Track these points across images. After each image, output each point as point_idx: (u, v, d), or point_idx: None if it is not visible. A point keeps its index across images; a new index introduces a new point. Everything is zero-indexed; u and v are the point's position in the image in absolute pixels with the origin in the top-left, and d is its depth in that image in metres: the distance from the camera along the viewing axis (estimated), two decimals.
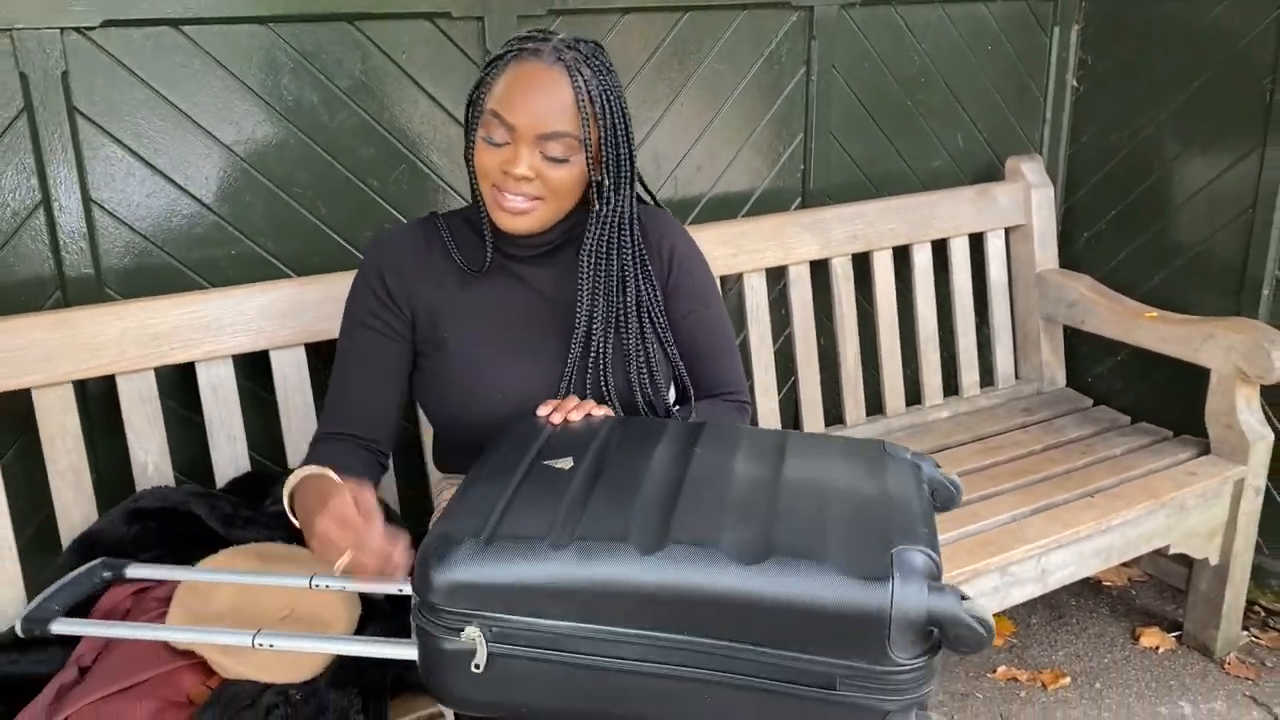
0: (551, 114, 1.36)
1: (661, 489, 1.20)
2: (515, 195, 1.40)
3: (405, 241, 1.53)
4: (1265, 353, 2.15)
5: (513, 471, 1.25)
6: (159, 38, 1.74)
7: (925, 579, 1.05)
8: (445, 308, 1.51)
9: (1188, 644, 2.42)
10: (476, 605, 1.10)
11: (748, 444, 1.34)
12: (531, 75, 1.36)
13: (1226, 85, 2.41)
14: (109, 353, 1.66)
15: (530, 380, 1.49)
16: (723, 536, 1.10)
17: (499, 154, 1.38)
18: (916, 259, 2.47)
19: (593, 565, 1.08)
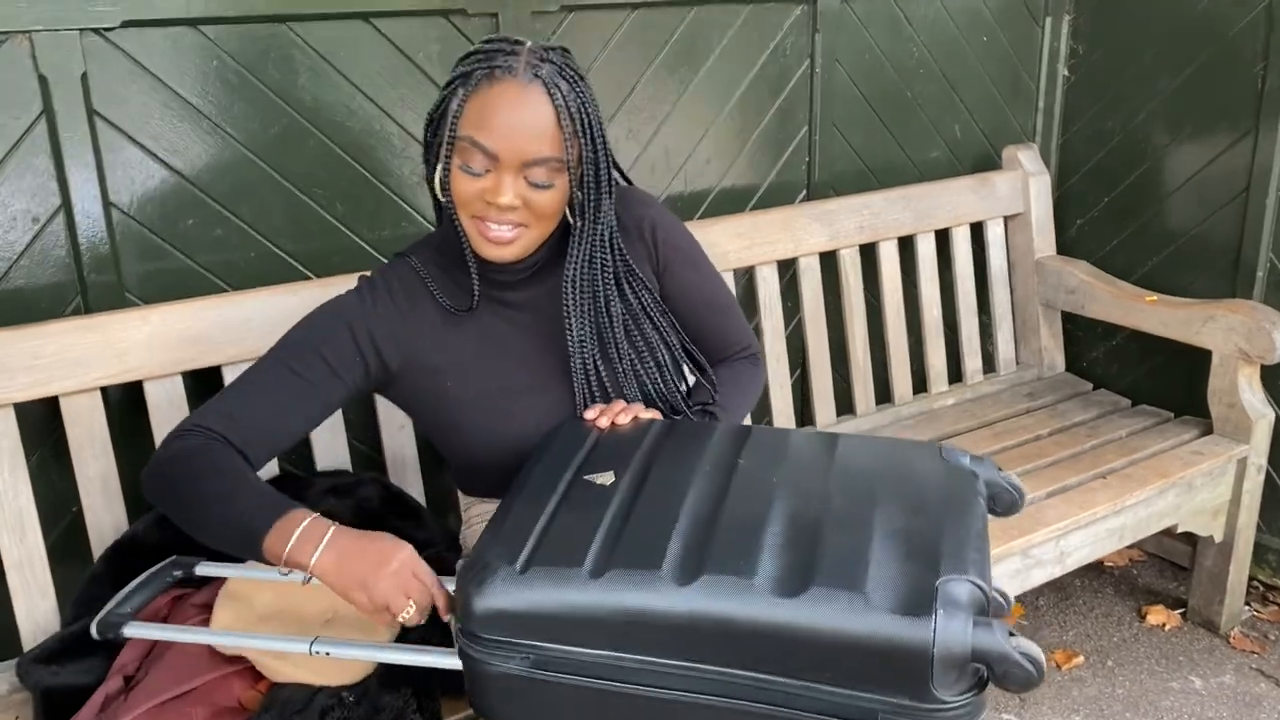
0: (535, 139, 1.27)
1: (701, 511, 1.17)
2: (500, 225, 1.31)
3: (393, 293, 1.42)
4: (1266, 333, 2.20)
5: (553, 488, 1.23)
6: (178, 38, 1.72)
7: (970, 613, 1.01)
8: (437, 355, 1.43)
9: (1193, 620, 2.47)
10: (514, 632, 1.10)
11: (794, 455, 1.30)
12: (509, 97, 1.26)
13: (1217, 73, 2.46)
14: (137, 357, 1.64)
15: (550, 408, 1.44)
16: (760, 566, 1.07)
17: (479, 183, 1.29)
18: (920, 248, 2.50)
19: (627, 595, 1.06)
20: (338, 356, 1.38)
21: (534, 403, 1.44)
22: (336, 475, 1.79)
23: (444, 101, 1.32)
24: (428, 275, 1.43)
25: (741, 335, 1.63)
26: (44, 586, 1.61)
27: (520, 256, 1.37)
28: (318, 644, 1.27)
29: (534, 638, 1.09)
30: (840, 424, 2.42)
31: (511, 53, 1.29)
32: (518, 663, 1.11)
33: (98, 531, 1.65)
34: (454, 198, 1.32)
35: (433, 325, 1.43)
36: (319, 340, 1.38)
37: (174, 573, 1.49)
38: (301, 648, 1.27)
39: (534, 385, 1.45)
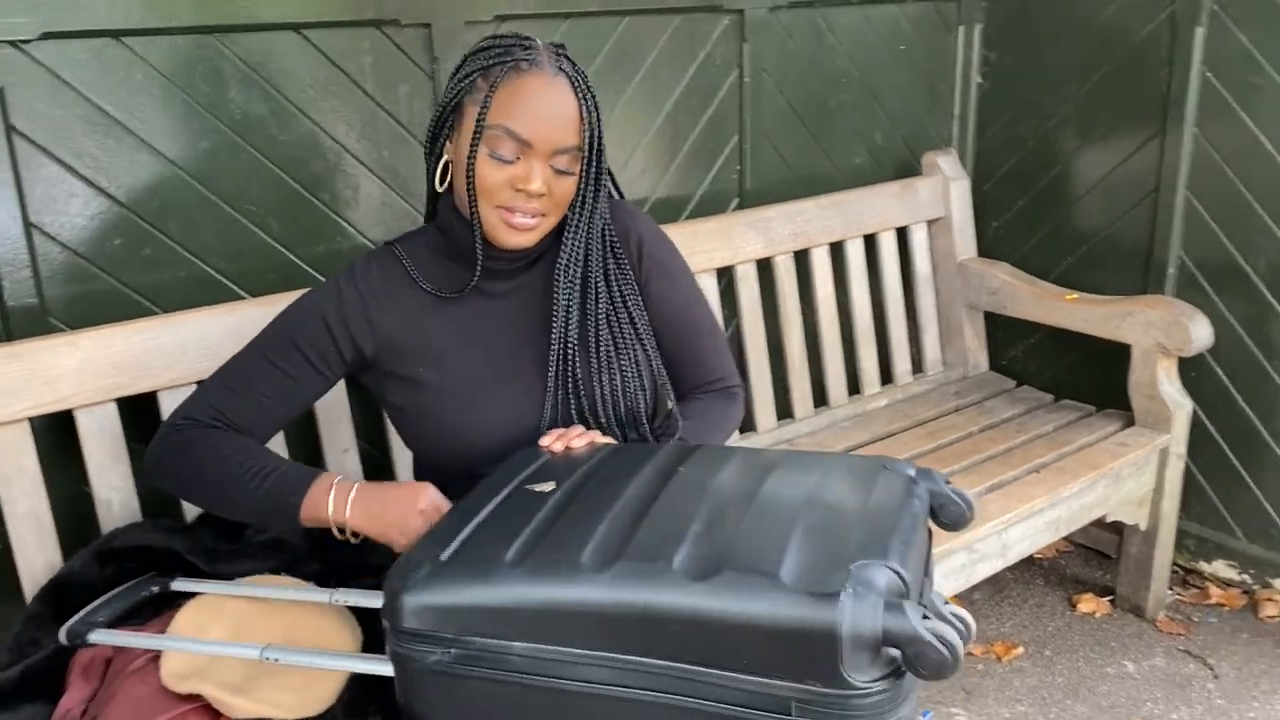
0: (563, 128, 1.32)
1: (631, 508, 1.17)
2: (525, 213, 1.34)
3: (370, 280, 1.43)
4: (1184, 327, 2.29)
5: (493, 496, 1.24)
6: (100, 50, 1.64)
7: (883, 595, 0.99)
8: (414, 343, 1.43)
9: (1121, 606, 2.56)
10: (438, 626, 1.09)
11: (736, 464, 1.29)
12: (540, 87, 1.31)
13: (1125, 78, 2.56)
14: (67, 385, 1.56)
15: (519, 402, 1.44)
16: (677, 553, 1.06)
17: (509, 170, 1.32)
18: (850, 254, 2.54)
19: (544, 584, 1.06)
20: (315, 349, 1.41)
21: (506, 392, 1.44)
22: None
23: (457, 95, 1.35)
24: (411, 263, 1.44)
25: (720, 365, 1.61)
26: None
27: (533, 244, 1.40)
28: (268, 650, 1.28)
29: (457, 631, 1.08)
30: (780, 428, 2.44)
31: (529, 48, 1.34)
32: (440, 656, 1.10)
33: (29, 571, 1.56)
34: (478, 186, 1.33)
35: (411, 310, 1.43)
36: (296, 334, 1.41)
37: (150, 587, 1.47)
38: (253, 654, 1.28)
39: (508, 374, 1.46)
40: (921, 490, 1.24)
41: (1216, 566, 2.62)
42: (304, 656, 1.28)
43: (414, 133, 1.98)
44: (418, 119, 1.97)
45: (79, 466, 1.61)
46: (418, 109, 1.97)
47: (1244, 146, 2.37)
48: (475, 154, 1.32)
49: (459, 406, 1.44)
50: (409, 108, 1.96)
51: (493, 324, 1.46)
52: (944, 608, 1.17)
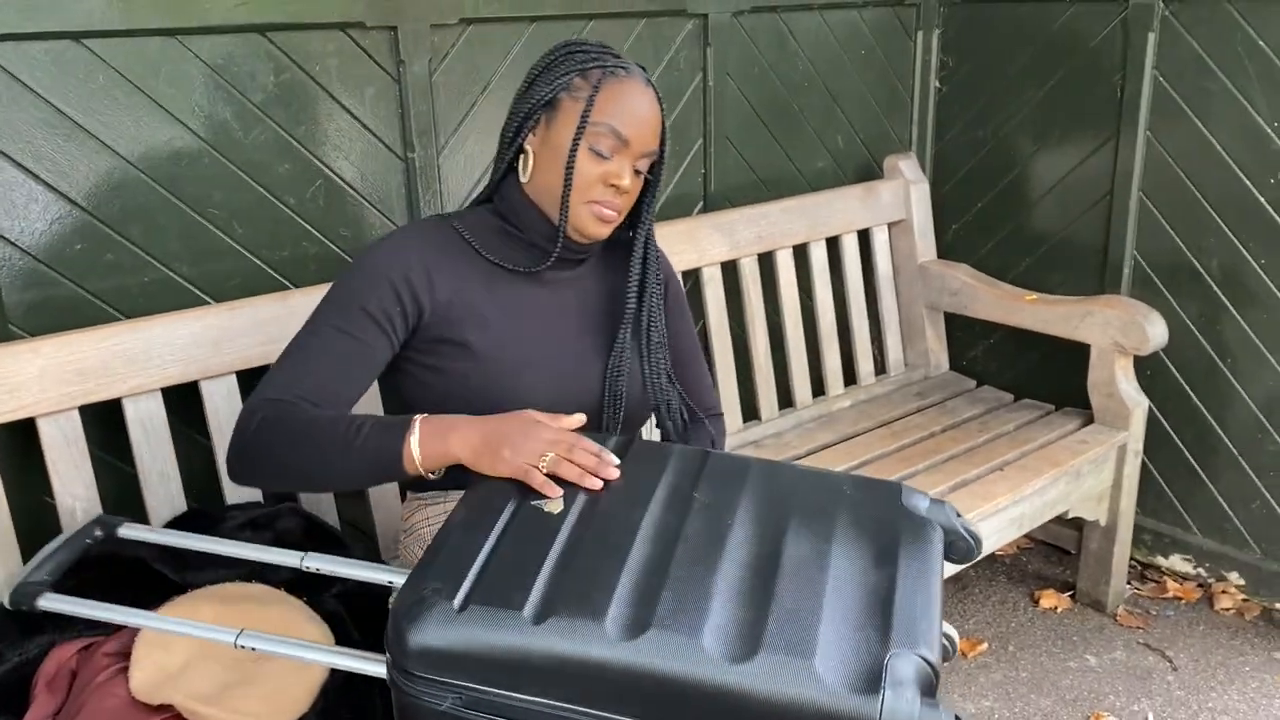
0: (653, 133, 1.43)
1: (651, 553, 1.14)
2: (613, 207, 1.42)
3: (429, 240, 1.46)
4: (1140, 326, 2.34)
5: (498, 514, 1.20)
6: (59, 52, 1.62)
7: (917, 691, 1.00)
8: (466, 310, 1.45)
9: (1081, 601, 2.60)
10: (448, 672, 1.06)
11: (751, 490, 1.27)
12: (638, 93, 1.41)
13: (1079, 83, 2.61)
14: (29, 393, 1.53)
15: (558, 385, 1.47)
16: (708, 623, 1.04)
17: (603, 166, 1.40)
18: (814, 256, 2.56)
19: (569, 644, 1.03)
20: (383, 311, 1.40)
21: (547, 372, 1.47)
22: (250, 508, 1.70)
23: (553, 91, 1.41)
24: (471, 235, 1.48)
25: (710, 394, 1.73)
26: None
27: (606, 235, 1.47)
28: (243, 637, 1.25)
29: (468, 679, 1.05)
30: (745, 429, 2.46)
31: (618, 56, 1.44)
32: (450, 703, 1.07)
33: None
34: (575, 178, 1.40)
35: (467, 279, 1.46)
36: (365, 298, 1.40)
37: (95, 532, 1.45)
38: (227, 639, 1.25)
39: (552, 356, 1.48)
40: (937, 531, 1.24)
41: (1173, 561, 2.68)
42: (281, 646, 1.25)
43: (380, 136, 1.97)
44: (383, 122, 1.96)
45: (41, 475, 1.58)
46: (384, 112, 1.96)
47: (1196, 149, 2.43)
48: (577, 148, 1.39)
49: (501, 376, 1.45)
50: (375, 111, 1.95)
51: (543, 308, 1.50)
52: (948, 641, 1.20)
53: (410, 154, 2.00)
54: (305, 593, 1.52)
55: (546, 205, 1.44)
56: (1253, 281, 2.40)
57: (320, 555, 1.34)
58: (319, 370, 1.38)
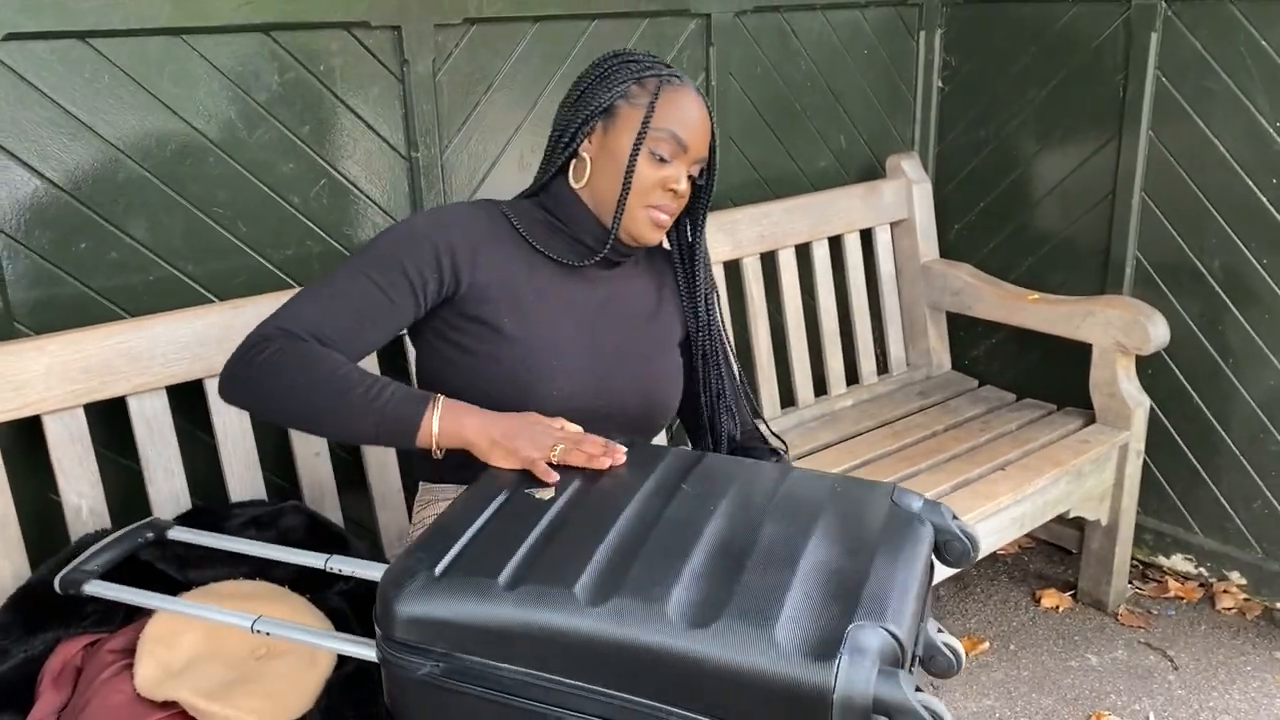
0: (706, 140, 1.48)
1: (630, 533, 1.16)
2: (668, 211, 1.46)
3: (479, 219, 1.48)
4: (1142, 326, 2.34)
5: (490, 500, 1.23)
6: (65, 51, 1.62)
7: (877, 661, 0.98)
8: (505, 293, 1.46)
9: (1083, 601, 2.60)
10: (428, 639, 1.09)
11: (739, 484, 1.28)
12: (694, 102, 1.46)
13: (1081, 83, 2.62)
14: (35, 390, 1.54)
15: (580, 386, 1.47)
16: (673, 593, 1.05)
17: (662, 170, 1.44)
18: (816, 255, 2.57)
19: (538, 611, 1.05)
20: (419, 273, 1.41)
21: (575, 369, 1.48)
22: (254, 506, 1.71)
23: (611, 98, 1.44)
24: (519, 222, 1.50)
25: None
26: None
27: (658, 241, 1.51)
28: (259, 623, 1.28)
29: (448, 646, 1.08)
30: None
31: (669, 66, 1.49)
32: (430, 670, 1.09)
33: None
34: (635, 182, 1.43)
35: (510, 262, 1.48)
36: (404, 255, 1.40)
37: (146, 534, 1.48)
38: (244, 623, 1.28)
39: (583, 353, 1.49)
40: (927, 528, 1.23)
41: (1175, 560, 2.68)
42: (295, 632, 1.28)
43: (384, 135, 1.97)
44: (387, 121, 1.97)
45: (47, 472, 1.59)
46: (387, 111, 1.96)
47: (1198, 149, 2.43)
48: (638, 152, 1.43)
49: (532, 363, 1.46)
50: (379, 110, 1.95)
51: (581, 303, 1.52)
52: (937, 636, 1.19)
53: (414, 153, 2.00)
54: (308, 590, 1.53)
55: (600, 208, 1.47)
56: (1254, 281, 2.41)
57: (343, 558, 1.38)
58: (341, 315, 1.37)
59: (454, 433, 1.31)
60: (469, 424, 1.31)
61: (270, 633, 1.28)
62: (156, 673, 1.36)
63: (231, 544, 1.49)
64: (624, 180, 1.43)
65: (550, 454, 1.28)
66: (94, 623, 1.50)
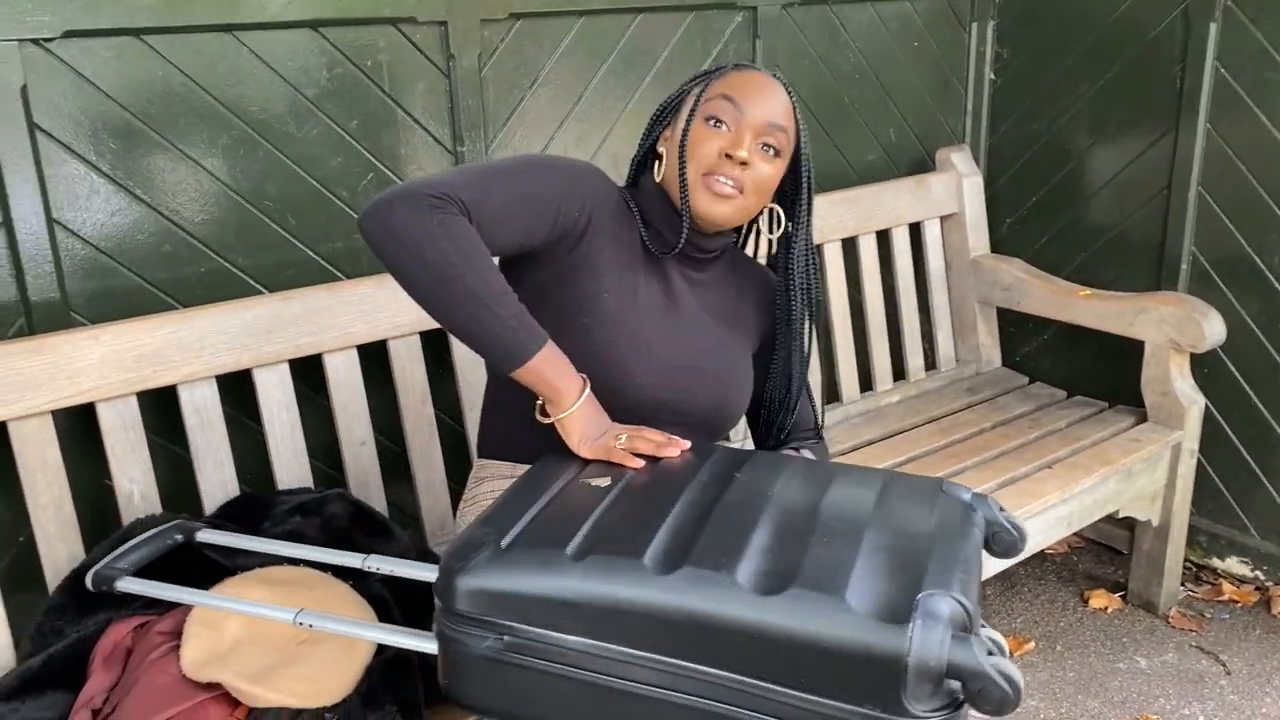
0: (777, 109, 1.43)
1: (692, 511, 1.18)
2: (727, 179, 1.41)
3: (614, 190, 1.50)
4: (1196, 323, 2.29)
5: (551, 484, 1.25)
6: (121, 48, 1.67)
7: (949, 627, 0.99)
8: (613, 264, 1.46)
9: (1133, 602, 2.56)
10: (492, 612, 1.10)
11: (793, 474, 1.30)
12: (758, 76, 1.45)
13: (1137, 74, 2.56)
14: (89, 379, 1.59)
15: (655, 378, 1.46)
16: (742, 563, 1.06)
17: (720, 137, 1.41)
18: (863, 249, 2.55)
19: (605, 581, 1.06)
20: (570, 197, 1.41)
21: (656, 364, 1.46)
22: (300, 493, 1.75)
23: (683, 92, 1.49)
24: (638, 212, 1.51)
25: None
26: None
27: (729, 221, 1.45)
28: (302, 615, 1.30)
29: (512, 618, 1.09)
30: None
31: (741, 64, 1.50)
32: (493, 643, 1.11)
33: (51, 561, 1.59)
34: (689, 152, 1.42)
35: (620, 237, 1.48)
36: (566, 179, 1.42)
37: (175, 536, 1.53)
38: (286, 617, 1.31)
39: (666, 347, 1.48)
40: (977, 517, 1.24)
41: (1229, 563, 2.62)
42: (335, 623, 1.31)
43: (429, 129, 1.99)
44: (434, 116, 1.99)
45: (100, 459, 1.64)
46: (434, 106, 1.99)
47: (1257, 142, 2.37)
48: (693, 117, 1.43)
49: (620, 346, 1.44)
50: (425, 104, 1.98)
51: (671, 298, 1.52)
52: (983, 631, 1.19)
53: (460, 147, 2.03)
54: (352, 577, 1.56)
55: (673, 194, 1.46)
56: None
57: (382, 557, 1.42)
58: (501, 201, 1.34)
59: (549, 381, 1.33)
60: (567, 383, 1.34)
61: (312, 625, 1.31)
62: (202, 655, 1.39)
63: (259, 545, 1.51)
64: (680, 151, 1.43)
65: (617, 443, 1.34)
66: (144, 605, 1.54)
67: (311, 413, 1.81)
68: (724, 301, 1.57)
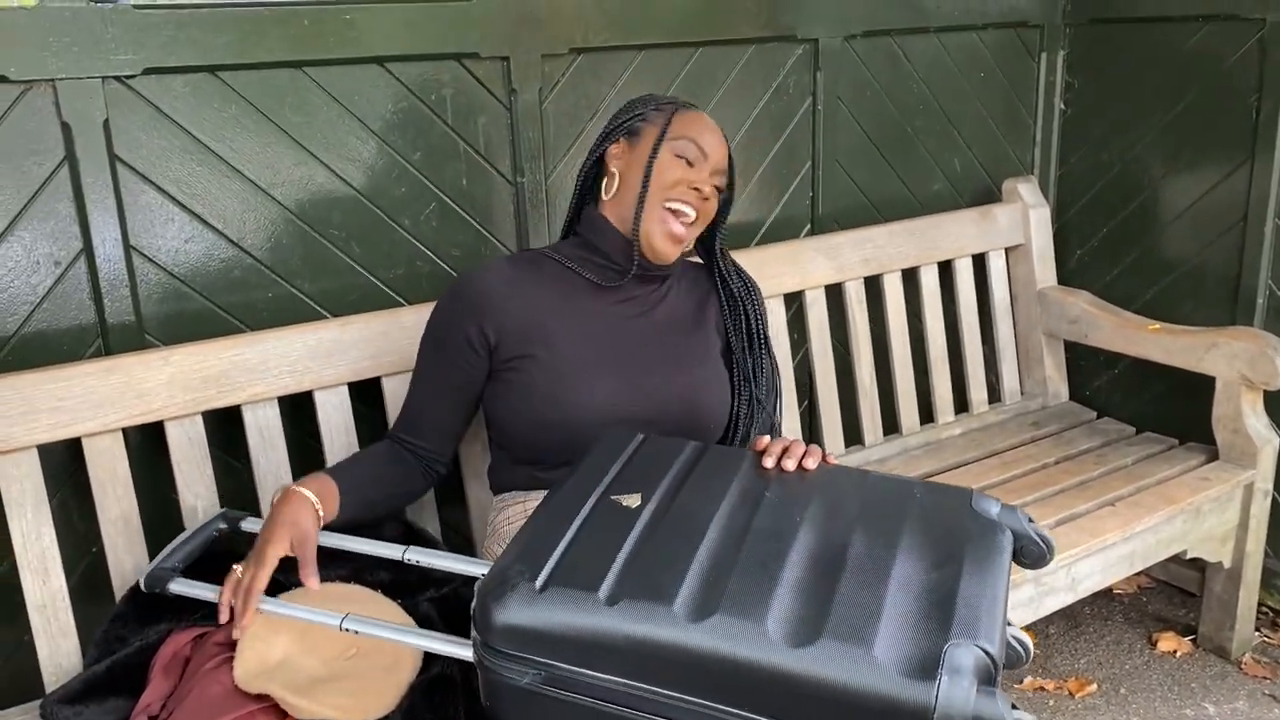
0: (724, 155, 1.62)
1: (721, 545, 1.20)
2: (688, 212, 1.57)
3: (497, 276, 1.62)
4: (1270, 359, 2.23)
5: (580, 506, 1.27)
6: (197, 84, 1.75)
7: (975, 680, 1.01)
8: (536, 328, 1.59)
9: (1203, 647, 2.48)
10: (528, 649, 1.12)
11: (821, 493, 1.31)
12: (709, 123, 1.62)
13: (1212, 104, 2.51)
14: (158, 398, 1.66)
15: (616, 393, 1.56)
16: (772, 610, 1.08)
17: (688, 172, 1.57)
18: (924, 280, 2.53)
19: (639, 625, 1.08)
20: (453, 348, 1.60)
21: (612, 381, 1.57)
22: None
23: (631, 119, 1.62)
24: (563, 257, 1.64)
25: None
26: (66, 627, 1.62)
27: (672, 258, 1.60)
28: (348, 621, 1.36)
29: (547, 656, 1.11)
30: (848, 455, 2.44)
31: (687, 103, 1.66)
32: (531, 678, 1.13)
33: (119, 572, 1.66)
34: (655, 180, 1.56)
35: (537, 299, 1.60)
36: (441, 336, 1.62)
37: (219, 525, 1.61)
38: (333, 622, 1.36)
39: (616, 368, 1.58)
40: (1005, 532, 1.25)
41: None
42: (380, 629, 1.35)
43: (491, 161, 2.05)
44: (495, 148, 2.05)
45: (166, 473, 1.71)
46: (495, 138, 2.04)
47: None
48: (658, 152, 1.57)
49: (566, 378, 1.56)
50: (486, 137, 2.03)
51: (620, 320, 1.63)
52: (1008, 630, 1.19)
53: (520, 178, 2.08)
54: (400, 596, 1.60)
55: (624, 221, 1.59)
56: None
57: (419, 549, 1.48)
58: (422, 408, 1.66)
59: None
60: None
61: (358, 630, 1.35)
62: (254, 666, 1.44)
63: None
64: (644, 173, 1.55)
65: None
66: (203, 616, 1.61)
67: (369, 434, 1.87)
68: (682, 309, 1.68)
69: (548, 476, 1.60)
